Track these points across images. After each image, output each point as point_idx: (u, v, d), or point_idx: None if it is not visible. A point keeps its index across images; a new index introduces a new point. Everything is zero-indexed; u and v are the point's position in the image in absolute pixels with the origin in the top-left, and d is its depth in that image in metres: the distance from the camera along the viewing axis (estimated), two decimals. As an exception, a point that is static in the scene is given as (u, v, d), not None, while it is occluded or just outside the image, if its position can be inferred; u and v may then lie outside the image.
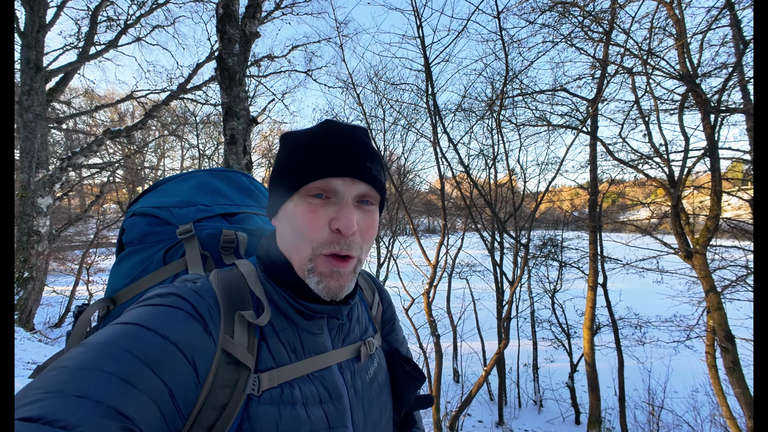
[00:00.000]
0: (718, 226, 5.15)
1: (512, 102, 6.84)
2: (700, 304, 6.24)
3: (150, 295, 0.50)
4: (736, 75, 4.94)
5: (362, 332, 0.67)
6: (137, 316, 0.45)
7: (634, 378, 7.33)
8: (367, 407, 0.60)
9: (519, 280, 5.84)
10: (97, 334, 0.44)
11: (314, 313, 0.57)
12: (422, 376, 0.69)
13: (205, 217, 0.75)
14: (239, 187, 0.87)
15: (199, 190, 0.81)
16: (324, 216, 0.54)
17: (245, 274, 0.58)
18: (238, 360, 0.49)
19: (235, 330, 0.50)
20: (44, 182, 8.79)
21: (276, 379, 0.51)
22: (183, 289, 0.51)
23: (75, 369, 0.38)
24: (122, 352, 0.40)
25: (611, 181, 7.37)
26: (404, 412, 0.72)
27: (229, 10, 3.32)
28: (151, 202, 0.79)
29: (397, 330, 0.80)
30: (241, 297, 0.54)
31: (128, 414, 0.37)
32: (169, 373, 0.42)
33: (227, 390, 0.47)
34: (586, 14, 5.90)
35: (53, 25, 9.28)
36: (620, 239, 6.75)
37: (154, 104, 10.09)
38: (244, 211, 0.81)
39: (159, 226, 0.74)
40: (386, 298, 0.79)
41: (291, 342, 0.55)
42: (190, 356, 0.45)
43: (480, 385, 6.00)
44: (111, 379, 0.38)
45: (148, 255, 0.71)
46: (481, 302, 9.62)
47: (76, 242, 12.97)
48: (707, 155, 5.18)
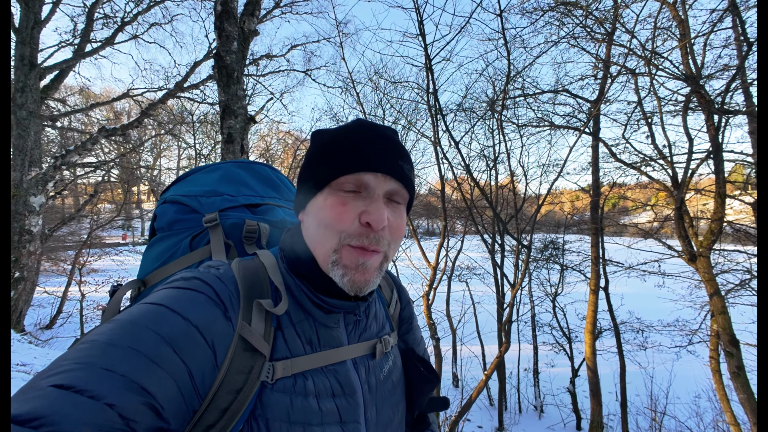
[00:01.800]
0: (722, 229, 5.08)
1: (514, 102, 6.77)
2: (703, 308, 6.18)
3: (175, 278, 0.53)
4: (739, 77, 4.90)
5: (379, 329, 0.67)
6: (163, 298, 0.47)
7: (636, 383, 7.24)
8: (380, 405, 0.60)
9: (521, 282, 5.75)
10: (125, 312, 0.46)
11: (332, 307, 0.57)
12: (436, 377, 0.68)
13: (229, 207, 0.77)
14: (264, 178, 0.90)
15: (225, 180, 0.83)
16: (354, 209, 0.54)
17: (266, 264, 0.59)
18: (254, 347, 0.50)
19: (252, 317, 0.51)
20: (37, 181, 8.63)
21: (290, 368, 0.51)
22: (206, 275, 0.52)
23: (104, 344, 0.40)
24: (147, 330, 0.42)
25: (613, 184, 7.31)
26: (417, 413, 0.72)
27: (228, 7, 3.26)
28: (180, 190, 0.82)
29: (415, 329, 0.79)
30: (261, 286, 0.55)
31: (150, 389, 0.39)
32: (190, 354, 0.44)
33: (242, 376, 0.48)
34: (589, 14, 5.84)
35: (48, 22, 9.15)
36: (622, 242, 6.68)
37: (150, 103, 9.96)
38: (267, 203, 0.83)
39: (187, 213, 0.77)
40: (405, 297, 0.79)
41: (307, 334, 0.55)
42: (210, 340, 0.46)
43: (480, 389, 5.89)
44: (136, 356, 0.40)
45: (176, 241, 0.74)
46: (481, 305, 9.53)
47: (69, 242, 12.78)
48: (711, 157, 5.12)
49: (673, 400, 6.81)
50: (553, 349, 8.63)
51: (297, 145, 13.29)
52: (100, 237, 11.81)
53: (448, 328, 9.06)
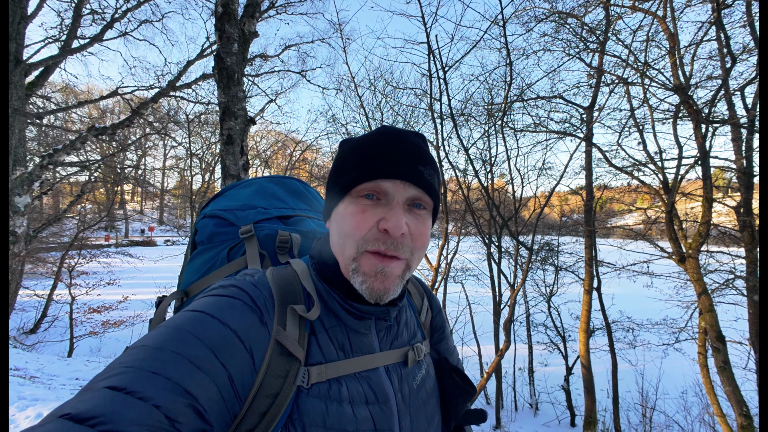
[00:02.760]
0: (709, 231, 5.33)
1: (511, 108, 6.95)
2: (690, 307, 6.46)
3: (214, 286, 0.54)
4: (724, 88, 5.16)
5: (410, 337, 0.66)
6: (203, 305, 0.49)
7: (627, 380, 7.49)
8: (414, 415, 0.59)
9: (522, 282, 5.90)
10: (171, 319, 0.48)
11: (362, 313, 0.58)
12: (472, 388, 0.68)
13: (263, 219, 0.80)
14: (293, 191, 0.94)
15: (258, 194, 0.88)
16: (372, 216, 0.54)
17: (298, 271, 0.60)
18: (290, 351, 0.51)
19: (287, 322, 0.53)
20: (22, 180, 8.32)
21: (324, 374, 0.52)
22: (242, 282, 0.54)
23: (151, 348, 0.42)
24: (189, 336, 0.44)
25: (604, 187, 7.57)
26: (454, 426, 0.70)
27: (229, 9, 3.25)
28: (218, 205, 0.86)
29: (447, 338, 0.79)
30: (294, 292, 0.57)
31: (193, 392, 0.40)
32: (229, 358, 0.45)
33: (279, 380, 0.49)
34: (583, 24, 6.07)
35: (35, 17, 8.86)
36: (614, 244, 6.92)
37: (141, 102, 9.73)
38: (298, 214, 0.86)
39: (225, 227, 0.81)
40: (436, 305, 0.79)
41: (339, 340, 0.56)
42: (248, 344, 0.48)
43: (480, 388, 6.00)
44: (180, 360, 0.41)
45: (215, 253, 0.78)
46: (479, 306, 9.66)
47: (52, 243, 12.32)
48: (699, 163, 5.37)
49: (661, 395, 7.08)
50: (547, 349, 8.84)
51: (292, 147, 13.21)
52: (87, 238, 11.44)
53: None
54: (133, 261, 12.32)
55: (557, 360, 8.83)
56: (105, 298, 10.89)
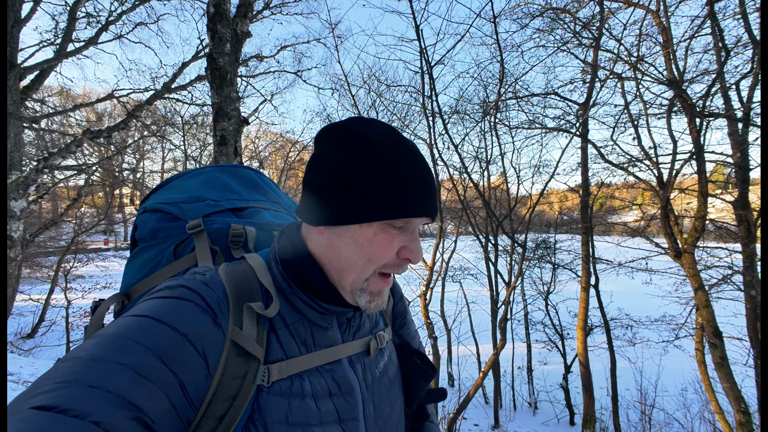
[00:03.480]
0: (705, 226, 5.29)
1: (505, 105, 6.91)
2: (688, 303, 6.41)
3: (160, 287, 0.51)
4: (719, 82, 5.12)
5: (373, 326, 0.67)
6: (148, 309, 0.46)
7: (626, 378, 7.45)
8: (377, 402, 0.60)
9: (516, 279, 5.86)
10: (109, 326, 0.45)
11: (329, 312, 0.58)
12: (433, 369, 0.69)
13: (213, 212, 0.75)
14: (248, 182, 0.88)
15: (207, 185, 0.82)
16: (397, 244, 0.55)
17: (255, 267, 0.58)
18: (248, 351, 0.49)
19: (244, 322, 0.51)
20: (18, 184, 8.30)
21: (285, 370, 0.51)
22: (192, 282, 0.51)
23: (88, 360, 0.39)
24: (133, 343, 0.41)
25: (601, 184, 7.53)
26: (416, 406, 0.72)
27: (221, 9, 3.23)
28: (161, 198, 0.79)
29: (409, 323, 0.80)
30: (250, 289, 0.55)
31: (139, 404, 0.38)
32: (180, 364, 0.43)
33: (237, 381, 0.47)
34: (576, 20, 6.03)
35: (29, 21, 8.79)
36: (611, 241, 6.87)
37: (136, 104, 9.72)
38: (252, 206, 0.81)
39: (169, 221, 0.75)
40: (397, 292, 0.80)
41: (302, 335, 0.55)
42: (201, 348, 0.46)
43: (477, 386, 5.96)
44: (122, 370, 0.39)
45: (160, 250, 0.72)
46: (477, 305, 9.63)
47: (50, 248, 12.32)
48: (694, 158, 5.33)
49: (661, 393, 7.03)
50: (545, 347, 8.79)
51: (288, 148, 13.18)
52: (84, 242, 11.45)
53: (442, 328, 9.13)
54: (130, 264, 12.21)
55: (556, 358, 8.79)
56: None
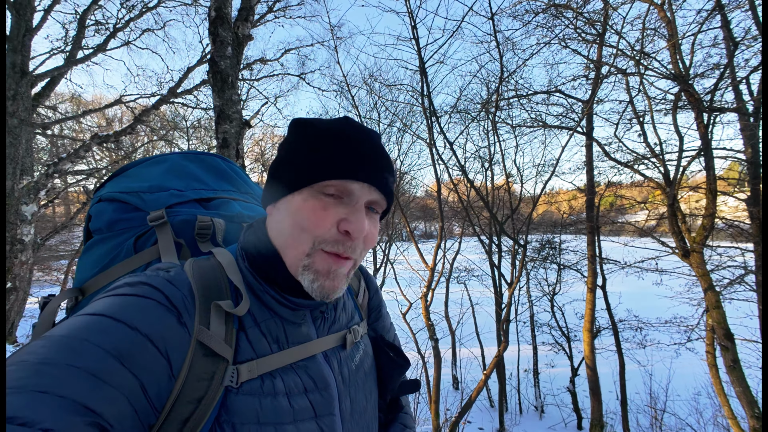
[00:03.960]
0: (714, 224, 5.14)
1: (507, 103, 6.82)
2: (700, 304, 6.22)
3: (119, 284, 0.49)
4: (728, 75, 4.98)
5: (348, 320, 0.66)
6: (104, 307, 0.44)
7: (635, 381, 7.25)
8: (353, 395, 0.59)
9: (518, 281, 5.76)
10: (59, 326, 0.42)
11: (298, 306, 0.56)
12: (406, 362, 0.68)
13: (178, 203, 0.71)
14: (215, 170, 0.83)
15: (171, 174, 0.77)
16: (334, 215, 0.52)
17: (223, 263, 0.56)
18: (215, 351, 0.47)
19: (211, 321, 0.49)
20: (29, 189, 8.50)
21: (256, 370, 0.49)
22: (155, 279, 0.49)
23: (36, 363, 0.36)
24: (87, 344, 0.39)
25: (608, 183, 7.37)
26: (390, 398, 0.72)
27: (222, 12, 3.28)
28: (119, 187, 0.74)
29: (384, 317, 0.79)
30: (218, 287, 0.53)
31: (96, 409, 0.36)
32: (141, 366, 0.41)
33: (204, 383, 0.45)
34: (579, 16, 5.92)
35: (40, 29, 9.06)
36: (619, 241, 6.72)
37: (143, 109, 9.90)
38: (221, 196, 0.77)
39: (128, 212, 0.70)
40: (372, 286, 0.78)
41: (273, 332, 0.54)
42: (163, 348, 0.43)
43: (480, 389, 5.86)
44: (76, 374, 0.36)
45: (118, 243, 0.68)
46: (480, 307, 9.51)
47: (62, 251, 12.61)
48: (701, 154, 5.19)
49: (672, 397, 6.83)
50: (552, 350, 8.62)
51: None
52: (94, 245, 11.66)
53: (446, 329, 9.03)
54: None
55: (563, 360, 8.60)
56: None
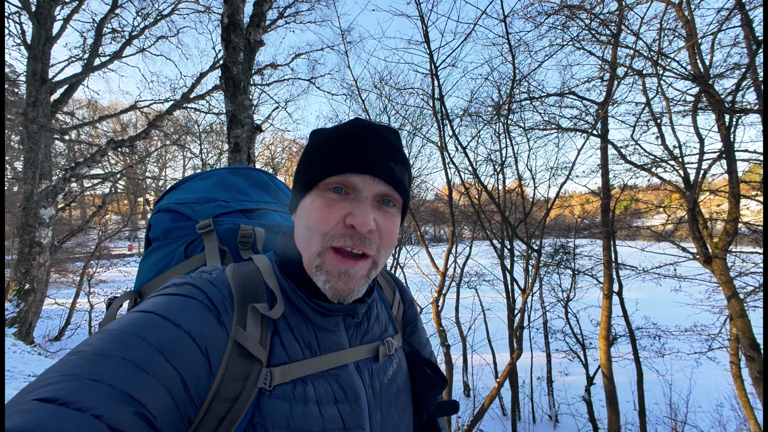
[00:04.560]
0: (738, 229, 4.96)
1: (520, 106, 6.73)
2: (722, 312, 5.99)
3: (167, 284, 0.51)
4: (750, 75, 4.84)
5: (381, 331, 0.65)
6: (153, 305, 0.46)
7: (654, 391, 7.02)
8: (385, 410, 0.58)
9: (531, 286, 5.64)
10: (115, 321, 0.45)
11: (328, 311, 0.56)
12: (444, 380, 0.66)
13: (224, 213, 0.77)
14: (258, 183, 0.89)
15: (219, 186, 0.83)
16: (339, 210, 0.53)
17: (261, 268, 0.58)
18: (250, 353, 0.48)
19: (247, 322, 0.50)
20: (47, 193, 8.69)
21: (288, 374, 0.50)
22: (198, 280, 0.51)
23: (91, 354, 0.39)
24: (136, 339, 0.41)
25: (624, 186, 7.19)
26: (426, 418, 0.70)
27: (234, 19, 3.33)
28: (174, 198, 0.81)
29: (420, 331, 0.77)
30: (255, 290, 0.54)
31: (141, 399, 0.37)
32: (182, 361, 0.42)
33: (239, 382, 0.46)
34: (593, 17, 5.82)
35: (59, 38, 9.33)
36: (635, 246, 6.53)
37: (157, 114, 10.08)
38: (262, 207, 0.82)
39: (181, 221, 0.77)
40: (408, 298, 0.78)
41: (306, 338, 0.54)
42: (203, 346, 0.45)
43: (492, 397, 5.75)
44: (125, 365, 0.39)
45: (172, 250, 0.74)
46: (492, 312, 9.36)
47: (78, 254, 12.87)
48: (723, 157, 5.04)
49: (693, 408, 6.58)
50: (566, 357, 8.41)
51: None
52: (108, 248, 11.89)
53: (457, 335, 8.91)
54: (151, 269, 12.65)
55: (578, 369, 8.39)
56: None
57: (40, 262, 8.40)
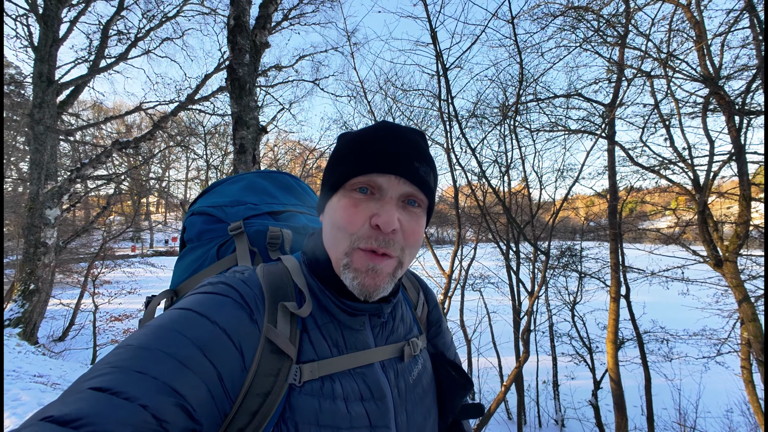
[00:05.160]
0: (749, 232, 4.90)
1: (526, 107, 6.69)
2: (731, 316, 5.92)
3: (203, 283, 0.53)
4: (760, 76, 4.79)
5: (406, 332, 0.66)
6: (191, 303, 0.48)
7: (662, 396, 6.92)
8: (410, 410, 0.59)
9: (539, 289, 5.58)
10: (157, 317, 0.47)
11: (355, 310, 0.57)
12: (470, 383, 0.67)
13: (253, 215, 0.79)
14: (284, 186, 0.92)
15: (248, 190, 0.86)
16: (365, 211, 0.53)
17: (289, 268, 0.59)
18: (281, 349, 0.50)
19: (278, 320, 0.52)
20: (53, 194, 8.70)
21: (317, 371, 0.51)
22: (232, 279, 0.53)
23: (137, 347, 0.41)
24: (176, 334, 0.43)
25: (631, 188, 7.13)
26: (451, 420, 0.70)
27: (240, 21, 3.33)
28: (207, 202, 0.85)
29: (444, 333, 0.78)
30: (285, 289, 0.56)
31: (182, 392, 0.39)
32: (218, 356, 0.44)
33: (270, 378, 0.48)
34: (600, 18, 5.78)
35: (66, 40, 9.36)
36: (643, 248, 6.47)
37: (162, 115, 10.11)
38: (289, 210, 0.85)
39: (214, 224, 0.80)
40: (432, 299, 0.78)
41: (333, 336, 0.55)
42: (237, 342, 0.47)
43: (499, 401, 5.69)
44: (167, 359, 0.41)
45: (205, 251, 0.77)
46: (497, 315, 9.29)
47: (82, 254, 12.91)
48: (734, 159, 4.98)
49: (703, 414, 6.49)
50: (573, 361, 8.32)
51: (306, 155, 13.33)
52: (112, 249, 11.93)
53: (462, 339, 8.84)
54: (155, 270, 12.76)
55: (584, 373, 8.30)
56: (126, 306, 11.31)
57: (45, 262, 8.42)
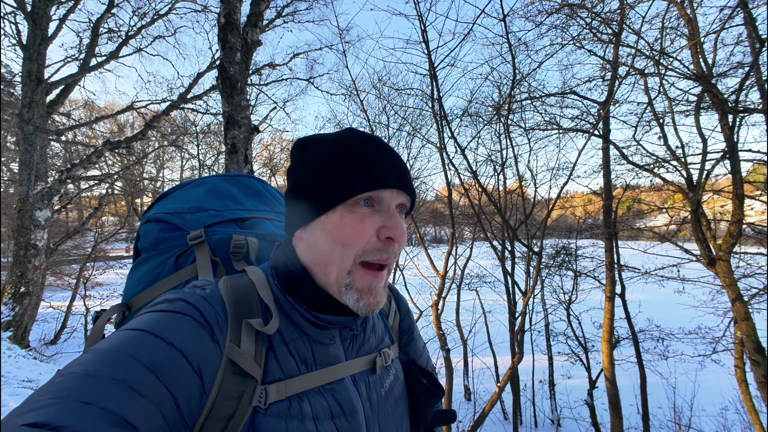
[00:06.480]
0: (742, 231, 4.90)
1: (520, 106, 6.66)
2: (726, 314, 5.92)
3: (159, 300, 0.50)
4: (753, 74, 4.78)
5: (378, 342, 0.65)
6: (144, 322, 0.45)
7: (658, 395, 6.93)
8: (383, 423, 0.58)
9: (532, 290, 5.55)
10: (105, 340, 0.44)
11: (327, 324, 0.55)
12: (440, 390, 0.66)
13: (215, 222, 0.74)
14: (251, 191, 0.87)
15: (211, 195, 0.81)
16: (372, 224, 0.53)
17: (255, 281, 0.56)
18: (244, 370, 0.47)
19: (242, 338, 0.49)
20: (43, 195, 8.58)
21: (284, 391, 0.49)
22: (191, 296, 0.50)
23: (82, 375, 0.38)
24: (128, 358, 0.40)
25: (626, 187, 7.12)
26: (423, 429, 0.69)
27: (231, 19, 3.28)
28: (164, 208, 0.79)
29: (416, 340, 0.77)
30: (250, 305, 0.53)
31: (133, 421, 0.37)
32: (175, 381, 0.41)
33: (233, 401, 0.45)
34: (594, 16, 5.75)
35: (55, 38, 9.23)
36: (637, 247, 6.46)
37: (154, 115, 9.99)
38: (255, 216, 0.80)
39: (171, 232, 0.74)
40: (404, 307, 0.77)
41: (301, 353, 0.53)
42: (196, 364, 0.44)
43: (493, 402, 5.67)
44: (116, 386, 0.38)
45: (161, 261, 0.71)
46: (493, 315, 9.28)
47: (74, 256, 12.76)
48: (727, 157, 4.98)
49: (698, 412, 6.51)
50: (569, 360, 8.33)
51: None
52: (104, 250, 11.79)
53: (458, 338, 8.83)
54: (148, 272, 12.56)
55: (580, 372, 8.31)
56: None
57: (36, 264, 8.30)
